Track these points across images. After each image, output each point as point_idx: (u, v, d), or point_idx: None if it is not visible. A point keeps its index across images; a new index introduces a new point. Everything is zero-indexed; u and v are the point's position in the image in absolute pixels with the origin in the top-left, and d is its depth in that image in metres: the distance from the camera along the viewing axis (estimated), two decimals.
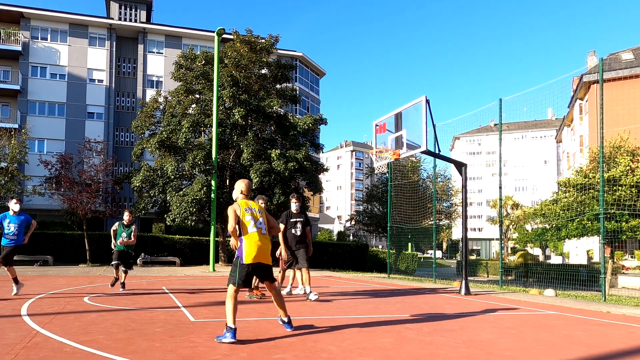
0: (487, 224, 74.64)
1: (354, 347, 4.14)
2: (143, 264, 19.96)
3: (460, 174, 10.37)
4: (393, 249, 23.03)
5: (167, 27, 37.90)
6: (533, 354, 4.04)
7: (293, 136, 22.15)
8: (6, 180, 21.81)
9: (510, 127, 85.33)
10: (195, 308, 6.55)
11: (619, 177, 14.57)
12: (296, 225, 7.96)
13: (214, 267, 17.09)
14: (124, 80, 37.54)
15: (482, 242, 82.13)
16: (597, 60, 22.21)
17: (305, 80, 45.40)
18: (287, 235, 7.95)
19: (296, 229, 7.94)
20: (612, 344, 4.61)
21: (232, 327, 4.17)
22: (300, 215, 8.07)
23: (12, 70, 34.93)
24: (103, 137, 34.20)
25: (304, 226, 8.03)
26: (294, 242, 7.95)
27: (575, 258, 39.99)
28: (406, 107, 10.01)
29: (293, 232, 7.95)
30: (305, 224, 8.05)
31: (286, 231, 7.96)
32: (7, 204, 7.52)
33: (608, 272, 12.71)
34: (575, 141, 40.74)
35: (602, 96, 9.37)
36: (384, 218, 30.08)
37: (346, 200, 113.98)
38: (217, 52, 17.45)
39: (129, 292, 8.74)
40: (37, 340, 4.14)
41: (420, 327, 5.36)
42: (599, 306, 8.09)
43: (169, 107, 23.05)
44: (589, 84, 34.27)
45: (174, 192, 20.32)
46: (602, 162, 9.47)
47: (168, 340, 4.22)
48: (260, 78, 23.35)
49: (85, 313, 5.86)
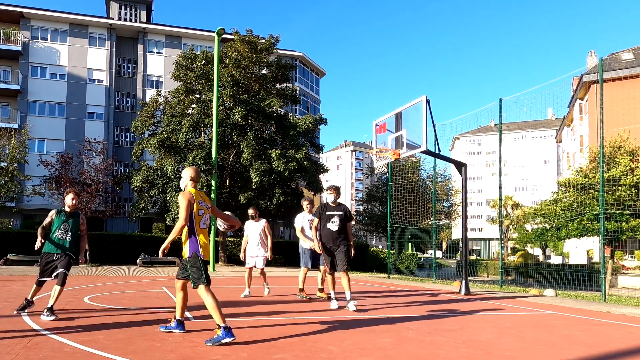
0: (487, 224, 74.63)
1: (354, 347, 4.14)
2: (143, 264, 19.94)
3: (460, 174, 10.37)
4: (393, 249, 23.01)
5: (167, 27, 37.91)
6: (533, 354, 4.04)
7: (293, 136, 22.15)
8: (6, 180, 21.83)
9: (510, 127, 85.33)
10: (195, 308, 6.54)
11: (619, 177, 14.57)
12: (332, 219, 6.74)
13: (214, 267, 17.09)
14: (124, 80, 37.54)
15: (482, 242, 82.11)
16: (597, 60, 22.20)
17: (305, 80, 45.40)
18: (322, 232, 6.81)
19: (333, 224, 6.73)
20: (612, 344, 4.60)
21: (224, 325, 4.02)
22: (338, 208, 6.85)
23: (12, 70, 34.94)
24: (103, 137, 34.21)
25: (344, 221, 6.80)
26: (331, 240, 6.74)
27: (575, 258, 39.98)
28: (406, 107, 10.01)
29: (329, 228, 6.74)
30: (345, 219, 6.81)
31: (320, 227, 6.83)
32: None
33: (608, 272, 12.71)
34: (575, 141, 40.75)
35: (602, 96, 9.36)
36: (384, 218, 30.08)
37: (346, 200, 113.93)
38: (217, 52, 17.45)
39: (129, 292, 8.74)
40: (37, 340, 4.14)
41: (420, 327, 5.35)
42: (599, 306, 8.09)
43: (169, 107, 23.06)
44: (589, 84, 34.28)
45: (174, 192, 20.32)
46: (602, 162, 9.46)
47: (168, 340, 4.22)
48: (261, 78, 23.35)
49: (85, 313, 5.86)
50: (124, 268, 17.64)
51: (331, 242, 6.75)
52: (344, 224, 6.79)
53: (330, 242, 6.76)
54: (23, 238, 19.53)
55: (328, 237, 6.75)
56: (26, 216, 31.26)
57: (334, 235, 6.73)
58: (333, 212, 6.78)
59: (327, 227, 6.75)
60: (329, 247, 6.77)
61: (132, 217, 22.06)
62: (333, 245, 6.75)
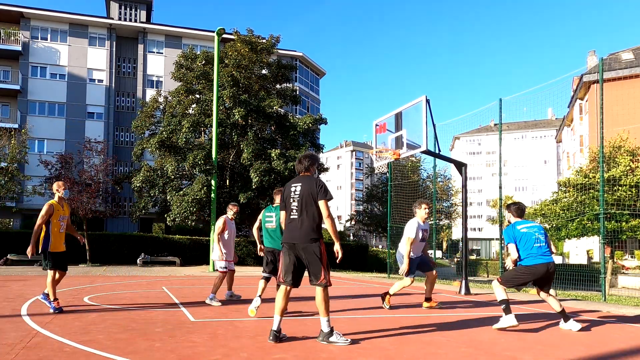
0: (487, 224, 74.60)
1: (354, 347, 4.14)
2: (143, 264, 19.95)
3: (460, 174, 10.37)
4: (393, 249, 22.99)
5: (167, 27, 37.90)
6: (533, 354, 4.04)
7: (293, 136, 22.16)
8: (6, 180, 21.82)
9: (510, 127, 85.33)
10: (195, 308, 6.54)
11: (619, 177, 14.58)
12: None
13: (214, 267, 17.09)
14: (124, 80, 37.54)
15: (482, 242, 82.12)
16: (597, 60, 22.20)
17: (305, 80, 45.40)
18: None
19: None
20: (612, 344, 4.60)
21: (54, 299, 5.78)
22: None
23: (12, 70, 34.93)
24: (103, 137, 34.20)
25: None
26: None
27: (575, 258, 39.98)
28: (406, 107, 10.01)
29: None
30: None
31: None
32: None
33: (608, 272, 12.71)
34: (575, 141, 40.75)
35: (602, 96, 9.36)
36: (384, 218, 30.09)
37: (346, 200, 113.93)
38: (217, 52, 17.45)
39: (129, 292, 8.74)
40: (37, 340, 4.14)
41: (420, 327, 5.36)
42: (599, 306, 8.09)
43: (169, 107, 23.07)
44: (589, 83, 34.28)
45: (174, 192, 20.34)
46: (602, 162, 9.46)
47: (168, 340, 4.22)
48: (261, 78, 23.36)
49: (85, 313, 5.86)
50: (123, 268, 17.65)
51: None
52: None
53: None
54: (23, 238, 19.52)
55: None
56: (26, 216, 31.24)
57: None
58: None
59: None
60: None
61: (132, 217, 22.07)
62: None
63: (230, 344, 4.11)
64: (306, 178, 4.41)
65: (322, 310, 4.20)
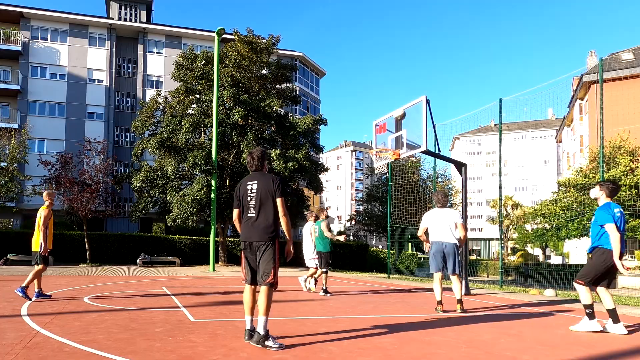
0: (487, 224, 74.62)
1: (354, 347, 4.14)
2: (143, 264, 19.95)
3: (460, 174, 10.37)
4: (393, 249, 23.02)
5: (167, 27, 37.90)
6: (533, 354, 4.04)
7: (293, 136, 22.15)
8: (6, 180, 21.82)
9: (510, 127, 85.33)
10: (195, 308, 6.55)
11: (619, 177, 14.58)
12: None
13: (214, 267, 17.09)
14: (124, 80, 37.54)
15: (482, 242, 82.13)
16: (597, 60, 22.21)
17: (305, 80, 45.40)
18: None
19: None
20: (612, 344, 4.61)
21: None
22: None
23: (12, 70, 34.93)
24: (103, 137, 34.18)
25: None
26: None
27: (575, 258, 39.98)
28: (406, 107, 10.01)
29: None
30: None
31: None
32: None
33: None
34: (575, 141, 40.73)
35: (602, 96, 9.37)
36: (384, 218, 30.09)
37: (346, 200, 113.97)
38: (217, 52, 17.44)
39: (129, 292, 8.74)
40: (37, 340, 4.14)
41: (420, 327, 5.36)
42: (599, 306, 8.08)
43: (169, 107, 23.05)
44: (589, 84, 34.26)
45: (174, 192, 20.31)
46: (602, 162, 9.47)
47: (168, 340, 4.22)
48: (261, 78, 23.34)
49: (85, 313, 5.86)
50: (124, 268, 17.65)
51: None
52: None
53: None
54: (23, 238, 19.51)
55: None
56: (26, 216, 31.25)
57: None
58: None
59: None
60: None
61: (132, 217, 22.07)
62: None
63: (230, 344, 4.11)
64: (262, 175, 4.35)
65: (263, 310, 4.08)
